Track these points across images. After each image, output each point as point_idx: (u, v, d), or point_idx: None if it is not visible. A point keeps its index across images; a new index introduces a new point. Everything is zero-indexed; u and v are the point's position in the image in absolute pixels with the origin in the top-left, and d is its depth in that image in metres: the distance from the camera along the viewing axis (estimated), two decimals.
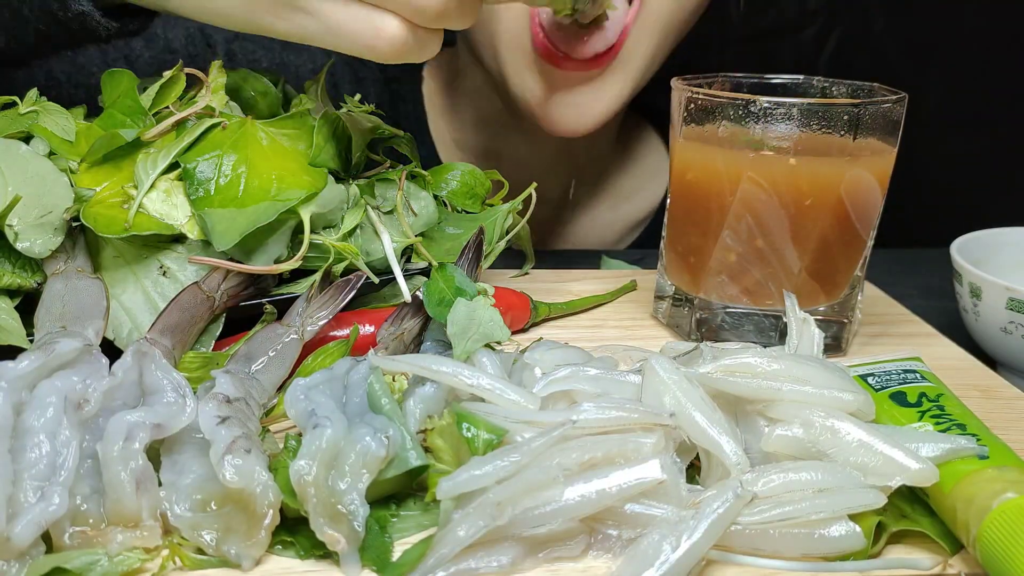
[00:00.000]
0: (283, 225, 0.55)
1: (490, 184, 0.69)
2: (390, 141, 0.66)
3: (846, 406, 0.45)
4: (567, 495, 0.40)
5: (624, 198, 1.00)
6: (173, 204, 0.54)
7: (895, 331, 0.68)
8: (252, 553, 0.39)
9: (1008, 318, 0.63)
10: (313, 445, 0.41)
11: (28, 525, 0.37)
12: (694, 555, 0.39)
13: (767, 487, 0.42)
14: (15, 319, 0.50)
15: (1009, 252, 0.73)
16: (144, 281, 0.54)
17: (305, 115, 0.59)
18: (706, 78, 0.64)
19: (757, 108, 0.57)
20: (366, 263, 0.58)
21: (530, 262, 0.75)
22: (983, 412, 0.49)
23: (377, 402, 0.45)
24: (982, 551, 0.39)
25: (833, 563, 0.41)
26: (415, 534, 0.42)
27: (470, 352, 0.51)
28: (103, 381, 0.42)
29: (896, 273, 0.82)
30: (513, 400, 0.45)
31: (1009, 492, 0.39)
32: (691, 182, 0.62)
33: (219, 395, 0.43)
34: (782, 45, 1.18)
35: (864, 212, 0.60)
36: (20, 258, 0.52)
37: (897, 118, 0.59)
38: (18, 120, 0.58)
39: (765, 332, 0.62)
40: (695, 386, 0.45)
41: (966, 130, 1.17)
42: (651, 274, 0.74)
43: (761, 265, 0.60)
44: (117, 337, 0.52)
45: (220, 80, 0.61)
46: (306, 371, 0.52)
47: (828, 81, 0.64)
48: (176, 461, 0.42)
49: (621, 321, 0.68)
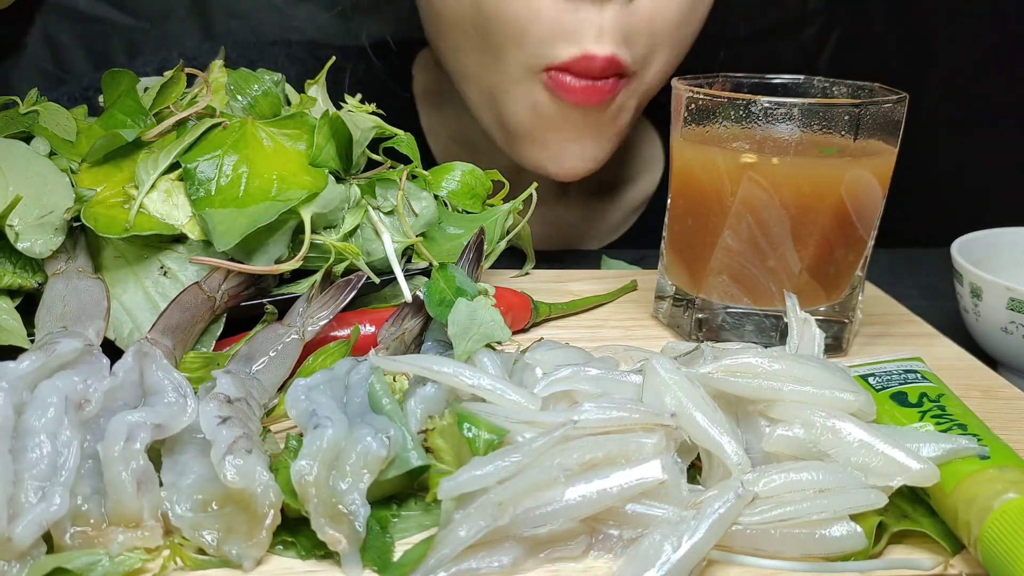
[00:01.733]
0: (284, 225, 0.55)
1: (491, 184, 0.69)
2: (390, 141, 0.66)
3: (847, 406, 0.45)
4: (568, 495, 0.40)
5: (619, 187, 1.00)
6: (174, 204, 0.54)
7: (896, 331, 0.68)
8: (253, 553, 0.39)
9: (1009, 318, 0.63)
10: (314, 445, 0.41)
11: (29, 525, 0.37)
12: (695, 555, 0.39)
13: (768, 487, 0.42)
14: (16, 319, 0.50)
15: (1009, 252, 0.73)
16: (145, 281, 0.54)
17: (305, 115, 0.59)
18: (706, 78, 0.64)
19: (758, 108, 0.57)
20: (367, 263, 0.58)
21: (530, 262, 0.75)
22: (984, 412, 0.49)
23: (378, 402, 0.45)
24: (983, 551, 0.39)
25: (834, 563, 0.41)
26: (416, 534, 0.42)
27: (471, 352, 0.51)
28: (104, 381, 0.42)
29: (896, 273, 0.82)
30: (514, 400, 0.45)
31: (1010, 492, 0.39)
32: (691, 182, 0.62)
33: (220, 395, 0.43)
34: (782, 45, 1.18)
35: (865, 212, 0.60)
36: (21, 258, 0.52)
37: (898, 118, 0.59)
38: (18, 120, 0.58)
39: (766, 332, 0.62)
40: (696, 386, 0.45)
41: (966, 130, 1.17)
42: (651, 274, 0.74)
43: (762, 265, 0.60)
44: (118, 337, 0.52)
45: (220, 80, 0.61)
46: (307, 371, 0.52)
47: (828, 81, 0.64)
48: (177, 461, 0.42)
49: (621, 321, 0.68)
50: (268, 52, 0.95)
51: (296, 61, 0.95)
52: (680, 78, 0.62)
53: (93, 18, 1.10)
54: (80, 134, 0.58)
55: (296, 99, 0.65)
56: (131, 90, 0.60)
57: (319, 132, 0.58)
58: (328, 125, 0.58)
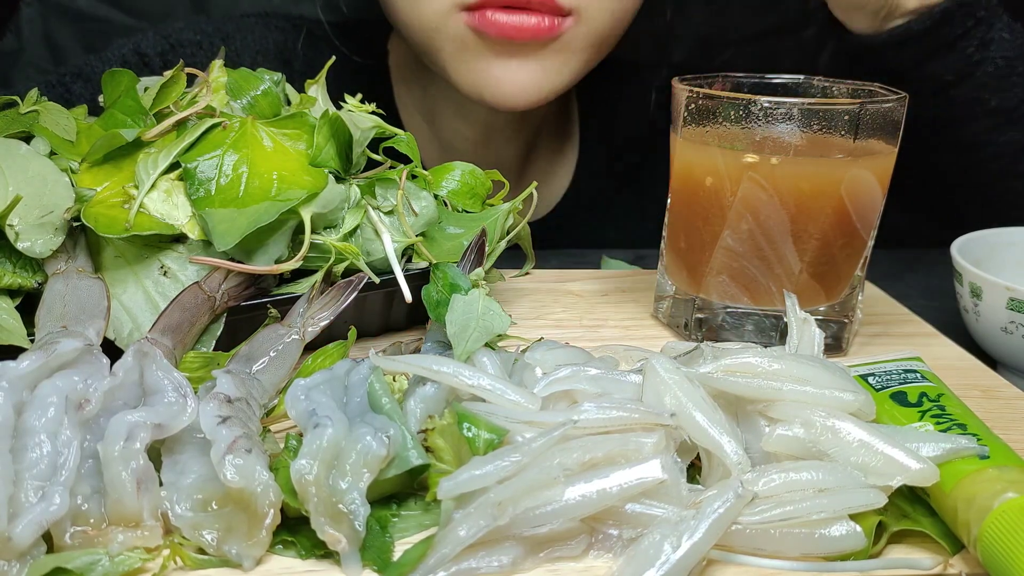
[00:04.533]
0: (284, 225, 0.55)
1: (491, 184, 0.69)
2: (390, 141, 0.66)
3: (847, 406, 0.45)
4: (568, 495, 0.40)
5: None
6: (174, 204, 0.54)
7: (895, 331, 0.68)
8: (253, 553, 0.39)
9: (1008, 318, 0.63)
10: (314, 444, 0.41)
11: (29, 525, 0.37)
12: (695, 555, 0.39)
13: (768, 487, 0.42)
14: (16, 319, 0.50)
15: (1009, 252, 0.73)
16: (145, 281, 0.54)
17: (305, 115, 0.59)
18: (706, 78, 0.64)
19: (758, 108, 0.57)
20: (367, 263, 0.58)
21: (530, 262, 0.75)
22: (983, 412, 0.49)
23: (378, 402, 0.45)
24: (983, 551, 0.39)
25: (834, 563, 0.41)
26: (416, 534, 0.42)
27: (470, 353, 0.51)
28: (104, 381, 0.42)
29: (896, 273, 0.82)
30: (514, 400, 0.45)
31: (1010, 492, 0.39)
32: (692, 182, 0.62)
33: (220, 395, 0.43)
34: (782, 45, 1.18)
35: (865, 212, 0.60)
36: (21, 258, 0.52)
37: (897, 118, 0.59)
38: (19, 120, 0.58)
39: (765, 332, 0.62)
40: (696, 386, 0.45)
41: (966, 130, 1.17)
42: (651, 274, 0.74)
43: (762, 265, 0.60)
44: (118, 337, 0.52)
45: (221, 80, 0.61)
46: (306, 372, 0.52)
47: (828, 81, 0.64)
48: (177, 461, 0.42)
49: (621, 321, 0.68)
50: (244, 23, 0.95)
51: (275, 30, 0.95)
52: (680, 78, 0.62)
53: (93, 18, 1.10)
54: (80, 134, 0.58)
55: (296, 99, 0.65)
56: (131, 90, 0.60)
57: (319, 132, 0.58)
58: (328, 125, 0.58)
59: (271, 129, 0.58)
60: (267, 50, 0.93)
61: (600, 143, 1.03)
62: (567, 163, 1.03)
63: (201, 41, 0.93)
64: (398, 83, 0.97)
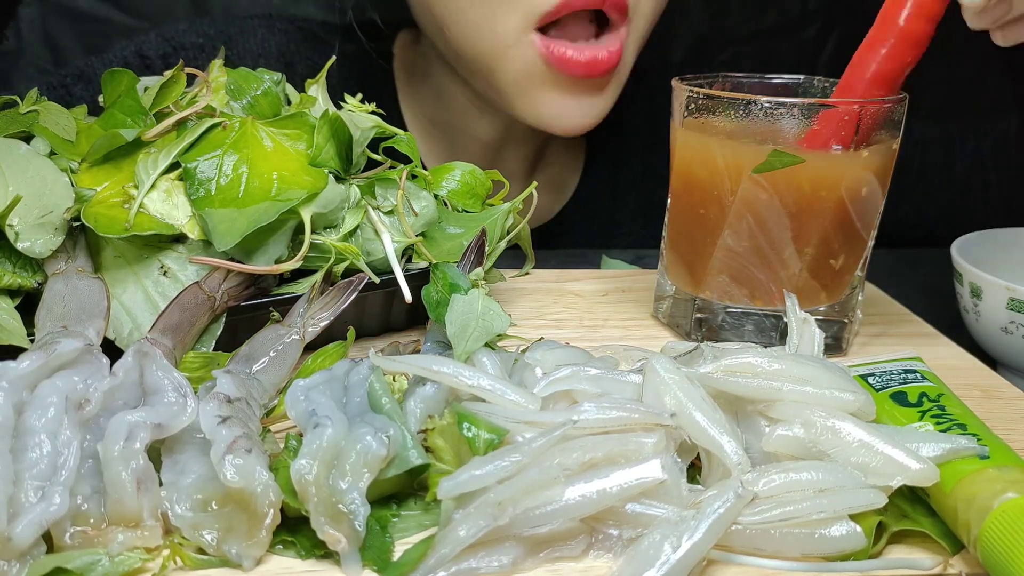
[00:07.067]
0: (284, 225, 0.55)
1: (491, 184, 0.69)
2: (390, 141, 0.66)
3: (847, 406, 0.45)
4: (568, 495, 0.40)
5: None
6: (174, 204, 0.54)
7: (895, 331, 0.68)
8: (253, 553, 0.39)
9: (1008, 318, 0.63)
10: (314, 444, 0.41)
11: (29, 525, 0.37)
12: (695, 555, 0.39)
13: (768, 487, 0.42)
14: (16, 319, 0.50)
15: (1009, 252, 0.73)
16: (145, 281, 0.54)
17: (305, 115, 0.59)
18: (706, 78, 0.64)
19: (758, 108, 0.57)
20: (367, 263, 0.58)
21: (530, 262, 0.75)
22: (983, 412, 0.49)
23: (378, 402, 0.45)
24: (983, 551, 0.39)
25: (834, 563, 0.41)
26: (416, 534, 0.42)
27: (470, 353, 0.51)
28: (104, 381, 0.42)
29: (896, 273, 0.82)
30: (514, 400, 0.45)
31: (1010, 492, 0.39)
32: (692, 182, 0.62)
33: (220, 395, 0.43)
34: (782, 45, 1.18)
35: (865, 212, 0.60)
36: (21, 258, 0.52)
37: (898, 118, 0.59)
38: (19, 120, 0.58)
39: (765, 332, 0.62)
40: (696, 386, 0.45)
41: (966, 129, 1.17)
42: (651, 274, 0.74)
43: (762, 265, 0.60)
44: (118, 337, 0.52)
45: (220, 79, 0.61)
46: (306, 372, 0.52)
47: (828, 81, 0.64)
48: (177, 461, 0.42)
49: (621, 321, 0.68)
50: (247, 25, 0.95)
51: (278, 32, 0.95)
52: (680, 78, 0.62)
53: (93, 17, 1.10)
54: (80, 134, 0.58)
55: (296, 98, 0.65)
56: (131, 90, 0.60)
57: (319, 132, 0.58)
58: (328, 125, 0.58)
59: (271, 129, 0.58)
60: (269, 53, 0.93)
61: (606, 148, 1.03)
62: (574, 168, 1.02)
63: (203, 43, 0.92)
64: (403, 86, 0.96)
